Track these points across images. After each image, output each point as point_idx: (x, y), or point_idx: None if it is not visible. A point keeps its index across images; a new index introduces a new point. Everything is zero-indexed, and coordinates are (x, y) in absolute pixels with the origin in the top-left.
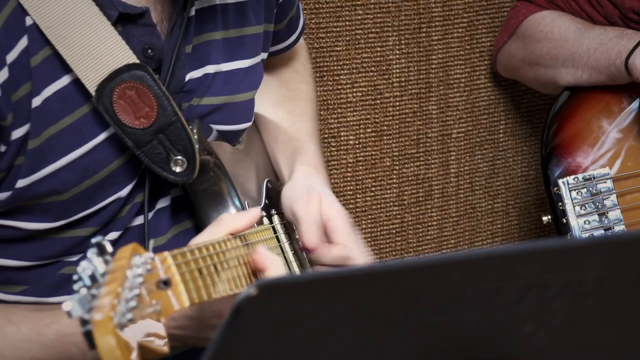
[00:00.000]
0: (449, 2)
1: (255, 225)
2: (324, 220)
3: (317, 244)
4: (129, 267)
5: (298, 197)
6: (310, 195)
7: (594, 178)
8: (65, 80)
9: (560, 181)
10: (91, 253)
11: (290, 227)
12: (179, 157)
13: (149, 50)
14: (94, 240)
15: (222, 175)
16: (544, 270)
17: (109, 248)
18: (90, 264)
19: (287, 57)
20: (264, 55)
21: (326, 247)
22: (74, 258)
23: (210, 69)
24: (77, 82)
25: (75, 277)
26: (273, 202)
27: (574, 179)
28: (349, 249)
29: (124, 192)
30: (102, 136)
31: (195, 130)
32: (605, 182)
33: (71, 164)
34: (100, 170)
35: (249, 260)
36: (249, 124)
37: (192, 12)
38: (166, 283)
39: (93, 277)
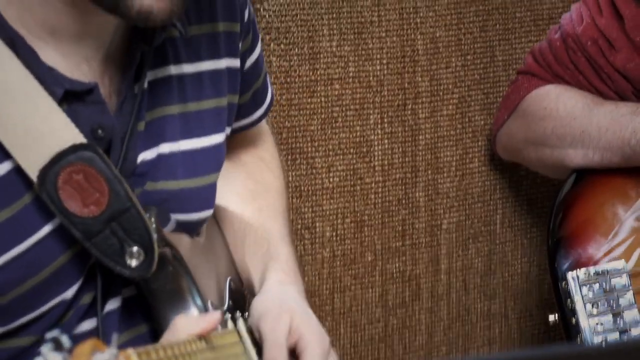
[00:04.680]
0: (437, 76)
1: (220, 328)
2: (294, 339)
3: None
4: None
5: (266, 313)
6: (281, 312)
7: (607, 272)
8: (4, 168)
9: (569, 275)
10: (47, 349)
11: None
12: (135, 249)
13: (99, 131)
14: (49, 336)
15: (182, 271)
16: None
17: (67, 344)
18: None
19: (249, 139)
20: (227, 131)
21: None
22: None
23: (165, 147)
24: (17, 170)
25: None
26: (238, 305)
27: (584, 272)
28: None
29: (69, 293)
30: (46, 228)
31: (153, 219)
32: (621, 277)
33: (11, 262)
34: (44, 268)
35: None
36: (211, 211)
37: (145, 85)
38: None
39: None
